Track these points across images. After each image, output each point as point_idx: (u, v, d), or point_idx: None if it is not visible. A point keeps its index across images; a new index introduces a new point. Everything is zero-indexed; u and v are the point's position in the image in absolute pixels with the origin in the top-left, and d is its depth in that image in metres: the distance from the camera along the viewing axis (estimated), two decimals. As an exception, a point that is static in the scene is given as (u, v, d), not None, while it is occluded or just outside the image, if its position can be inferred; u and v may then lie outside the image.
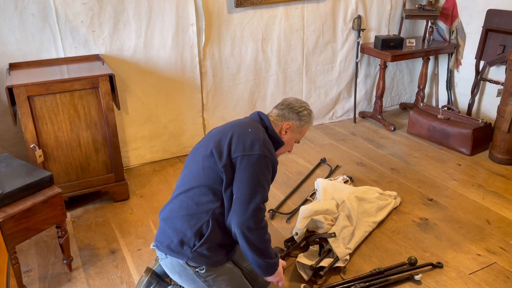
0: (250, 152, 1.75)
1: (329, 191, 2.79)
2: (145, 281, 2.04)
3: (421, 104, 3.97)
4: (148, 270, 2.07)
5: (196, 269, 1.80)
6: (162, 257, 1.87)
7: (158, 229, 1.93)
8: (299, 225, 2.43)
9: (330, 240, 2.29)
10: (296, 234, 2.40)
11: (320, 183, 2.90)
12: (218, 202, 1.78)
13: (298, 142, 2.11)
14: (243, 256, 1.90)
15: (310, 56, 3.86)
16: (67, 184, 2.76)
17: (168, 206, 1.89)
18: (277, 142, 1.96)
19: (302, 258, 2.23)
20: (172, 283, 2.13)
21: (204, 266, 1.79)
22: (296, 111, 2.00)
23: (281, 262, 1.96)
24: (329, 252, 2.29)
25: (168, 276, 2.15)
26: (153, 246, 1.92)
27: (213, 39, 3.39)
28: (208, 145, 1.84)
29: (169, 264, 1.86)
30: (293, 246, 2.39)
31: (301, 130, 2.03)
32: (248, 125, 1.88)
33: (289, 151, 2.10)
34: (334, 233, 2.31)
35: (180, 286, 2.10)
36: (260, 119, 1.97)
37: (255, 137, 1.80)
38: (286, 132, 1.99)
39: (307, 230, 2.39)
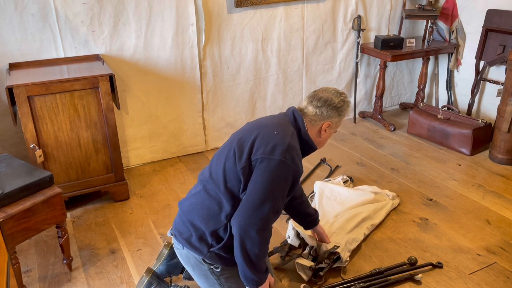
0: (270, 156, 1.64)
1: (326, 195, 2.79)
2: (145, 281, 2.04)
3: (421, 104, 3.97)
4: (149, 270, 2.07)
5: (211, 266, 1.79)
6: (178, 247, 1.85)
7: (177, 217, 1.89)
8: (290, 228, 2.43)
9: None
10: (289, 237, 2.41)
11: (318, 186, 2.89)
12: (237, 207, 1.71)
13: (335, 132, 1.96)
14: None
15: (310, 56, 3.86)
16: (67, 184, 2.76)
17: (190, 200, 1.85)
18: (309, 147, 1.83)
19: (301, 259, 2.23)
20: (173, 284, 2.13)
21: (219, 265, 1.78)
22: (336, 107, 1.82)
23: (270, 279, 1.84)
24: (330, 254, 2.29)
25: (168, 276, 2.16)
26: (171, 234, 1.90)
27: (213, 39, 3.39)
28: (232, 145, 1.76)
29: (184, 255, 1.85)
30: (288, 246, 2.40)
31: (339, 124, 1.89)
32: (276, 127, 1.75)
33: None
34: (336, 245, 2.29)
35: (181, 286, 2.11)
36: (294, 119, 1.81)
37: (280, 141, 1.68)
38: (325, 131, 1.85)
39: (297, 231, 2.39)
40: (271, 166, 1.63)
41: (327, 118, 1.82)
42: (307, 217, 2.17)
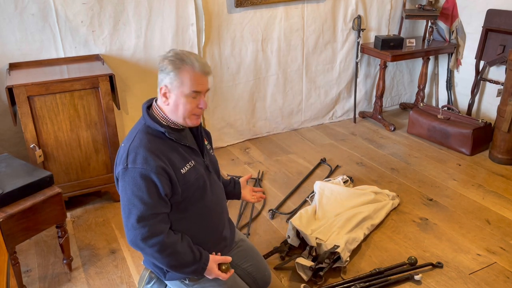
0: (118, 171, 1.61)
1: (326, 194, 2.79)
2: (146, 276, 2.03)
3: (421, 104, 3.97)
4: None
5: (181, 279, 1.79)
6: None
7: None
8: (290, 228, 2.43)
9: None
10: (289, 237, 2.41)
11: (318, 186, 2.89)
12: None
13: (203, 93, 1.62)
14: (242, 257, 1.89)
15: (310, 56, 3.86)
16: (67, 184, 2.76)
17: None
18: (158, 130, 1.63)
19: (301, 259, 2.23)
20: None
21: (186, 277, 1.77)
22: (160, 70, 1.60)
23: (215, 259, 1.71)
24: (330, 254, 2.29)
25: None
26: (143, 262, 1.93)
27: (213, 39, 3.39)
28: None
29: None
30: (288, 246, 2.41)
31: (181, 81, 1.56)
32: (125, 139, 1.69)
33: (200, 109, 1.63)
34: (336, 245, 2.29)
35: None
36: (143, 116, 1.71)
37: (122, 150, 1.63)
38: (167, 98, 1.60)
39: (297, 231, 2.39)
40: (119, 178, 1.60)
41: (160, 85, 1.61)
42: (227, 186, 2.05)
